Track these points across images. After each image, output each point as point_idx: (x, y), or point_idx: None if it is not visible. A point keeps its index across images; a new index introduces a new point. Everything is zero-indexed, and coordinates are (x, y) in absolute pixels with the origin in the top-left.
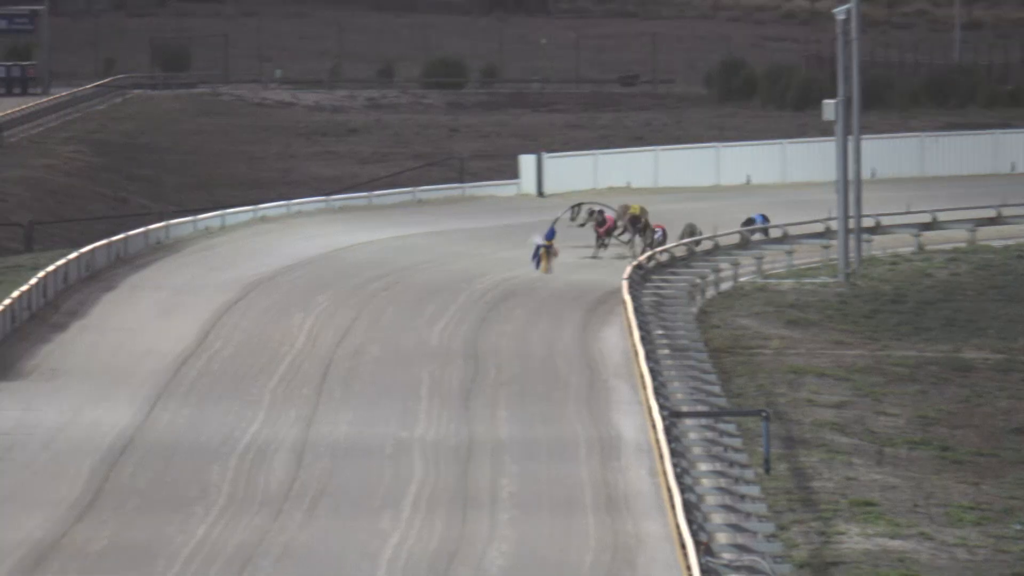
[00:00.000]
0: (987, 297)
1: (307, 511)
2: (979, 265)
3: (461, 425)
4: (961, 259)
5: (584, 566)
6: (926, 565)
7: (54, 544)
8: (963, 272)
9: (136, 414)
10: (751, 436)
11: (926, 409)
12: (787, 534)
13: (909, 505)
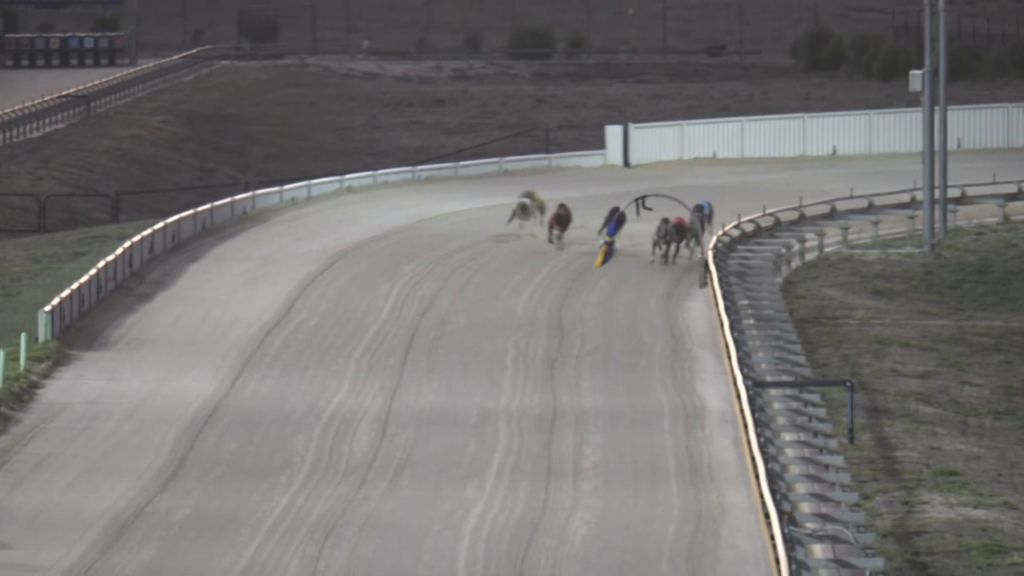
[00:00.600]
0: None
1: (391, 481)
2: None
3: (546, 395)
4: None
5: (667, 536)
6: (1009, 535)
7: (138, 513)
8: None
9: (221, 384)
10: (835, 406)
11: (1011, 379)
12: (870, 504)
13: (993, 475)
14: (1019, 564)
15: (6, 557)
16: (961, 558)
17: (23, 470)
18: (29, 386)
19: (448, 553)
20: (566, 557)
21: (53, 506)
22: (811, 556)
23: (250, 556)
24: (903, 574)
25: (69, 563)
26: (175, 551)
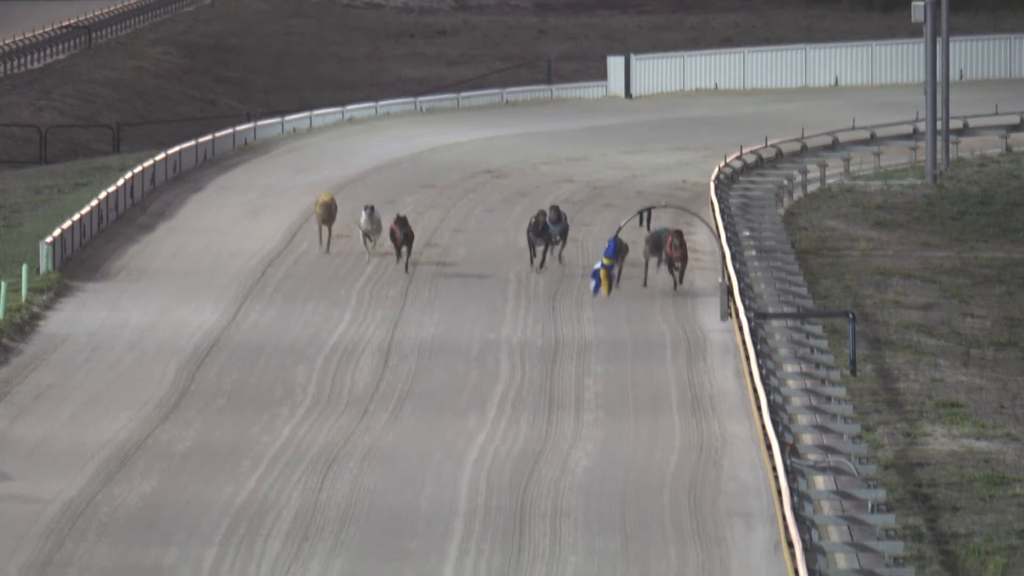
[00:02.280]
0: None
1: (392, 412)
2: None
3: (547, 326)
4: None
5: (669, 467)
6: (1012, 466)
7: (139, 444)
8: None
9: (222, 315)
10: (837, 337)
11: (1013, 310)
12: (872, 435)
13: (995, 407)
14: (1021, 495)
15: (7, 488)
16: (963, 489)
17: (24, 401)
18: (30, 317)
19: (450, 484)
20: (567, 488)
21: (54, 437)
22: (813, 488)
23: (252, 487)
24: (905, 505)
25: (70, 495)
26: (176, 482)
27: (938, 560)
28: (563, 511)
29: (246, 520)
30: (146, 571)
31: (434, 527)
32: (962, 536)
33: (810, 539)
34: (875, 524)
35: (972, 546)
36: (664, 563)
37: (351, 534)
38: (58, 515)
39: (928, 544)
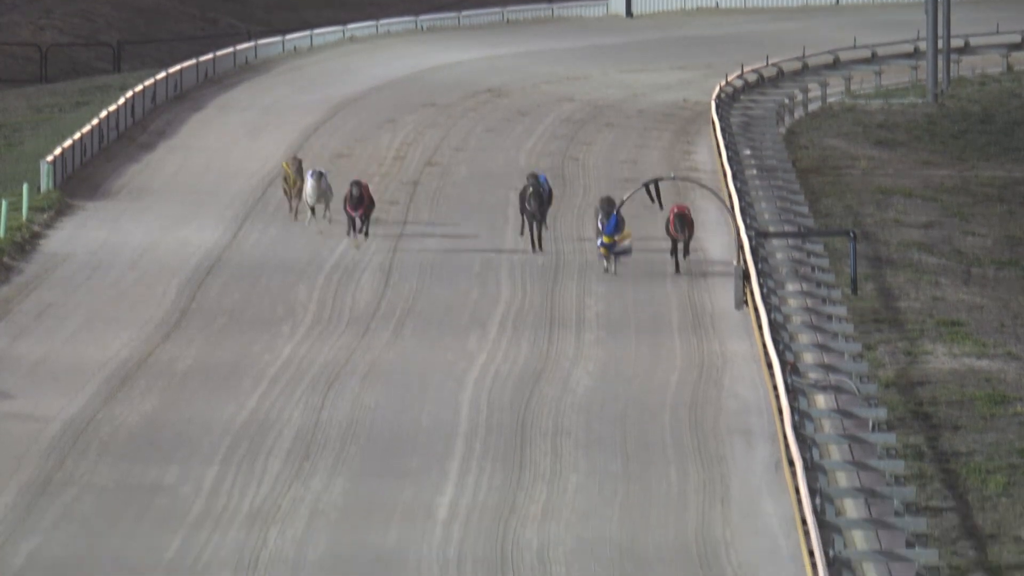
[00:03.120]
0: None
1: (394, 330)
2: None
3: (548, 244)
4: None
5: (670, 386)
6: (1012, 385)
7: (140, 363)
8: None
9: (223, 234)
10: (838, 256)
11: (1014, 229)
12: (873, 354)
13: (996, 325)
14: (1022, 414)
15: (9, 407)
16: (964, 408)
17: (25, 320)
18: (31, 236)
19: (451, 403)
20: (568, 407)
21: (55, 356)
22: (814, 406)
23: (253, 406)
24: (906, 424)
25: (71, 413)
26: (177, 401)
27: (939, 478)
28: (564, 430)
29: (247, 439)
30: (147, 489)
31: (435, 445)
32: (963, 455)
33: (811, 457)
34: (876, 443)
35: (973, 464)
36: (665, 482)
37: (352, 452)
38: (59, 434)
39: (929, 463)
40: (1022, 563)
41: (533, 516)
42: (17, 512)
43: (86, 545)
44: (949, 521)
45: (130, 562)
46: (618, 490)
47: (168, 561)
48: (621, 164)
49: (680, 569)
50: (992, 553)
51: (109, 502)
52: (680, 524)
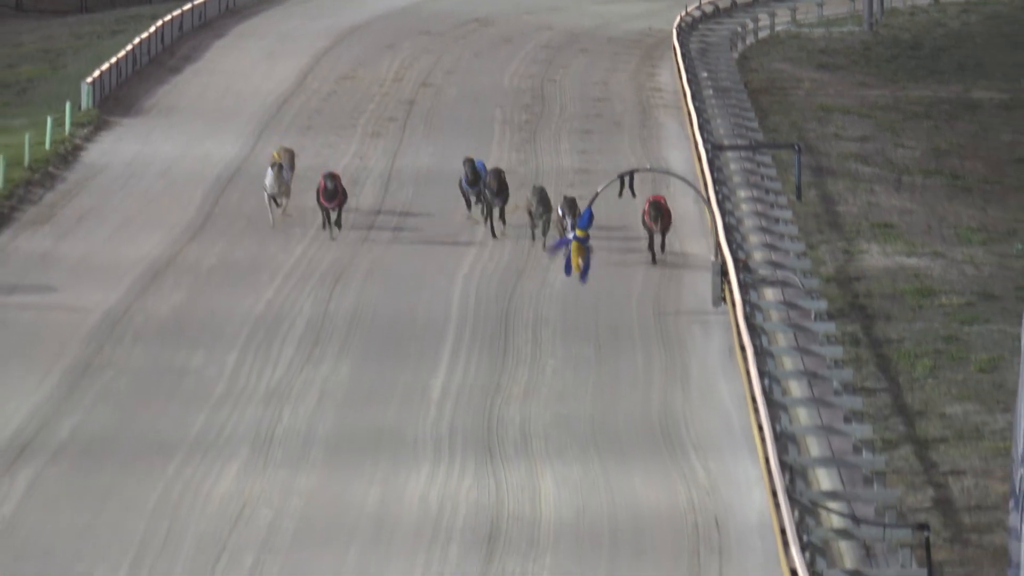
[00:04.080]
0: (995, 44)
1: (392, 232)
2: (989, 16)
3: (529, 155)
4: (972, 10)
5: (636, 280)
6: (938, 279)
7: (170, 261)
8: (974, 22)
9: (242, 147)
10: (784, 166)
11: (939, 142)
12: (816, 253)
13: (923, 227)
14: (946, 305)
15: (54, 300)
16: (895, 300)
17: (68, 223)
18: (73, 148)
19: (443, 296)
20: (547, 299)
21: (94, 255)
22: (763, 299)
23: (269, 298)
24: (844, 314)
25: (109, 305)
26: (203, 294)
27: (873, 362)
28: (543, 320)
29: (264, 327)
30: (175, 372)
31: (429, 333)
32: (894, 341)
33: (760, 343)
34: (817, 331)
35: (903, 350)
36: (632, 365)
37: (356, 339)
38: (98, 323)
39: (864, 348)
40: (946, 436)
41: (515, 395)
42: (61, 392)
43: (121, 421)
44: (882, 400)
45: (160, 436)
46: (590, 372)
47: (194, 435)
48: (593, 85)
49: (644, 441)
50: (919, 428)
51: (142, 383)
52: (645, 402)
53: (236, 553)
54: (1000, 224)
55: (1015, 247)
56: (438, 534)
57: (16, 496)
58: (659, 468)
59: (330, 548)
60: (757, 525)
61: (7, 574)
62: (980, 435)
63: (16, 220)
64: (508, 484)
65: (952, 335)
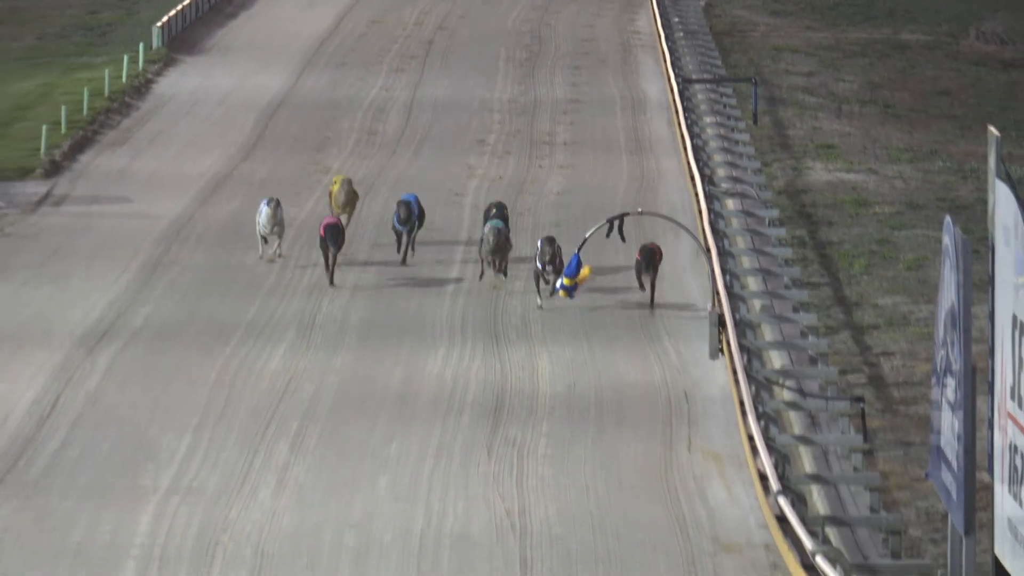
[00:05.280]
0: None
1: (414, 151)
2: None
3: (528, 87)
4: None
5: (619, 191)
6: (872, 192)
7: (227, 175)
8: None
9: (287, 80)
10: (743, 97)
11: (873, 76)
12: (769, 169)
13: (860, 148)
14: (879, 213)
15: (131, 208)
16: (836, 209)
17: (141, 144)
18: (145, 82)
19: (457, 203)
20: (544, 207)
21: (163, 170)
22: (725, 208)
23: (310, 208)
24: (793, 221)
25: (176, 212)
26: (254, 204)
27: (817, 261)
28: (540, 225)
29: (306, 231)
30: (232, 268)
31: (446, 236)
32: (835, 243)
33: (723, 245)
34: (770, 235)
35: (842, 251)
36: (613, 258)
37: (383, 243)
38: (167, 227)
39: (810, 249)
40: (878, 324)
41: (517, 290)
42: (135, 286)
43: (186, 310)
44: (824, 293)
45: (219, 322)
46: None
47: (248, 320)
48: (582, 28)
49: (625, 328)
50: (856, 317)
51: (203, 278)
52: (626, 294)
53: (283, 421)
54: (924, 145)
55: (936, 164)
56: (452, 406)
57: (98, 374)
58: (638, 350)
59: (361, 417)
60: (720, 398)
61: (91, 440)
62: (907, 322)
63: (98, 142)
64: (510, 364)
65: (884, 239)
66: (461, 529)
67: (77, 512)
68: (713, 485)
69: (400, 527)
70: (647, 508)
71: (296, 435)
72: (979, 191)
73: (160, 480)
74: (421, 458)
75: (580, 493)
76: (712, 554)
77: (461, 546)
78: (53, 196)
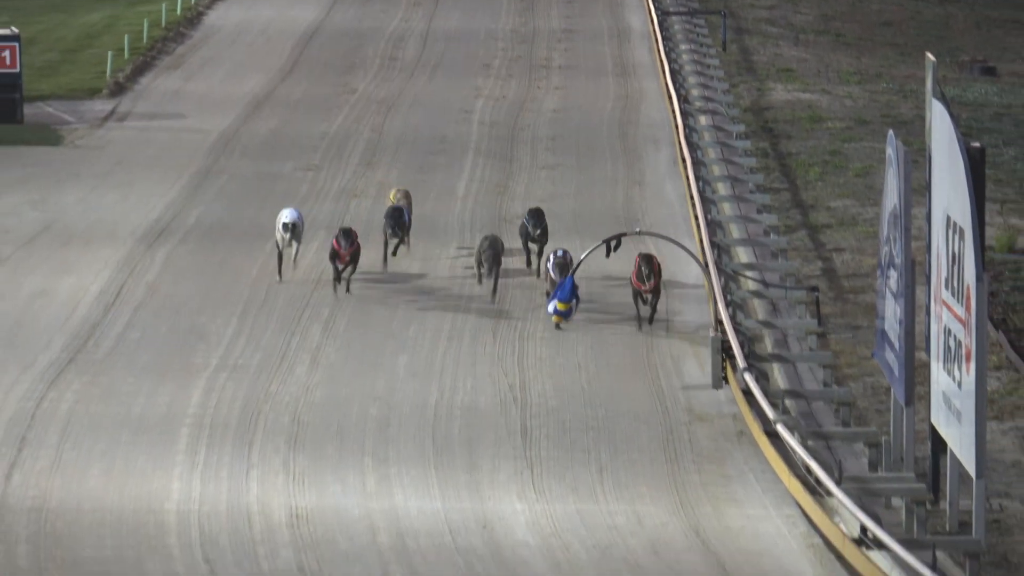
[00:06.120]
0: None
1: (429, 74)
2: None
3: (528, 19)
4: None
5: (607, 108)
6: (825, 109)
7: (267, 95)
8: None
9: (320, 12)
10: (714, 27)
11: (827, 10)
12: (736, 90)
13: (815, 71)
14: (831, 128)
15: (184, 123)
16: (795, 124)
17: (193, 68)
18: (197, 14)
19: (466, 121)
20: (542, 123)
21: (213, 91)
22: (698, 123)
23: (339, 123)
24: (757, 135)
25: (223, 127)
26: (291, 120)
27: (778, 169)
28: (538, 138)
29: (336, 144)
30: (271, 177)
31: (456, 148)
32: (793, 154)
33: (696, 156)
34: (737, 147)
35: (799, 160)
36: (603, 171)
37: (403, 153)
38: (216, 141)
39: (771, 159)
40: (831, 223)
41: (518, 194)
42: (189, 191)
43: (232, 213)
44: (784, 197)
45: (260, 224)
46: (574, 177)
47: None
48: None
49: (612, 222)
50: (811, 217)
51: (247, 185)
52: (612, 198)
53: (315, 308)
54: (871, 69)
55: (881, 86)
56: (463, 295)
57: (156, 267)
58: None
59: (386, 303)
60: (693, 287)
61: (150, 324)
62: (855, 223)
63: (156, 66)
64: (512, 258)
65: (835, 150)
66: (470, 402)
67: (138, 386)
68: (688, 364)
69: (417, 400)
70: (631, 384)
71: (327, 320)
72: (918, 109)
73: (210, 359)
74: (435, 340)
75: (573, 371)
76: (687, 423)
77: (470, 416)
78: (117, 113)
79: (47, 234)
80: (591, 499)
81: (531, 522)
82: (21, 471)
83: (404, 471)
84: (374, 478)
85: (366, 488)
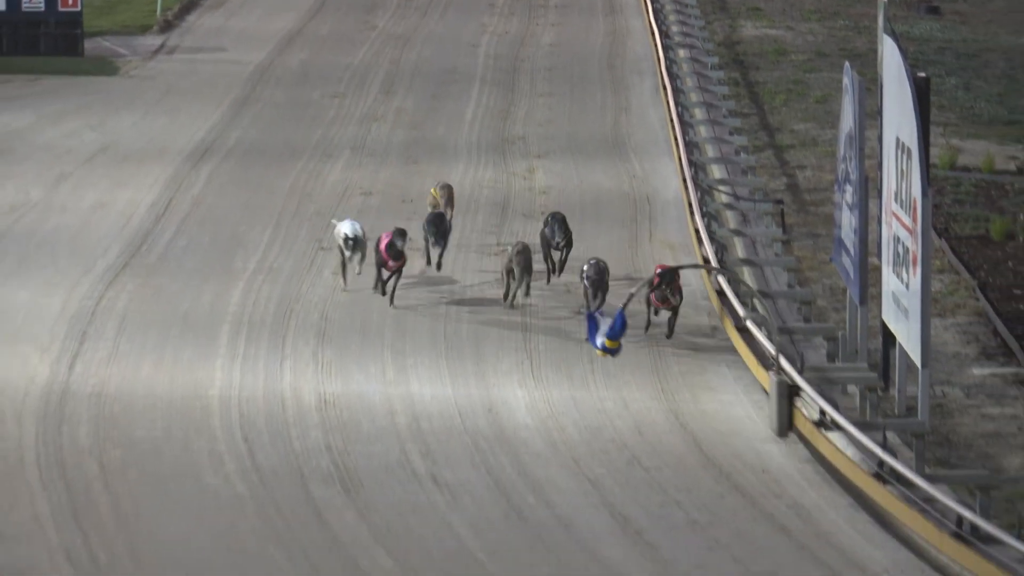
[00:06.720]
0: None
1: (441, 13)
2: None
3: None
4: None
5: (597, 43)
6: (790, 44)
7: (298, 31)
8: None
9: None
10: None
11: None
12: (711, 26)
13: (780, 10)
14: (794, 60)
15: (225, 56)
16: (762, 57)
17: (233, 7)
18: None
19: (473, 53)
20: (541, 55)
21: (251, 28)
22: (678, 56)
23: (361, 56)
24: (729, 66)
25: (259, 60)
26: (320, 53)
27: (747, 96)
28: (536, 69)
29: (358, 75)
30: (302, 104)
31: (465, 77)
32: (761, 83)
33: (676, 84)
34: (712, 76)
35: (767, 89)
36: (593, 99)
37: (417, 83)
38: (253, 71)
39: (742, 87)
40: (794, 144)
41: (519, 118)
42: (229, 116)
43: (268, 134)
44: (753, 121)
45: (292, 143)
46: (567, 106)
47: (314, 143)
48: None
49: (601, 146)
50: (777, 139)
51: (281, 111)
52: (602, 123)
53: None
54: (830, 7)
55: (839, 22)
56: (471, 205)
57: (200, 183)
58: (611, 164)
59: (401, 213)
60: (674, 200)
61: (195, 233)
62: (816, 143)
63: (201, 5)
64: (514, 174)
65: (798, 79)
66: (477, 299)
67: (184, 288)
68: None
69: (431, 298)
70: (616, 286)
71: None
72: (871, 43)
73: (248, 263)
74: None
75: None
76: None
77: (477, 314)
78: (166, 47)
79: (104, 154)
80: (583, 386)
81: (530, 406)
82: (83, 361)
83: (419, 362)
84: (393, 368)
85: (386, 376)
